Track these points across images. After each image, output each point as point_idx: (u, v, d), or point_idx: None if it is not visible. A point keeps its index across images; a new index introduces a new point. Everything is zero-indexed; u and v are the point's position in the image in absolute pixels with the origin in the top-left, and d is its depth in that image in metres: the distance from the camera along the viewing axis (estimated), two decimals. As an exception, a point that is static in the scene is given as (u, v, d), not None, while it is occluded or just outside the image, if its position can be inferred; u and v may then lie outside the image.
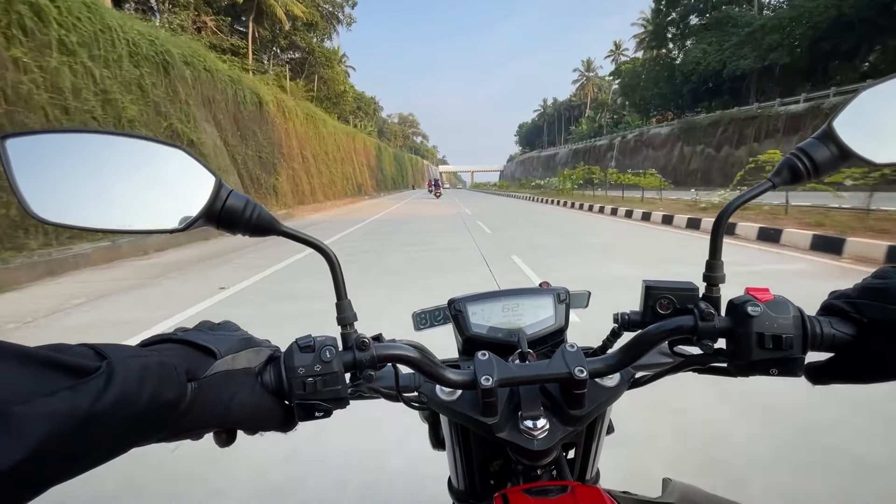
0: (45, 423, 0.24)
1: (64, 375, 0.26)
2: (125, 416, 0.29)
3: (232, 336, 0.41)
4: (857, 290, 0.42)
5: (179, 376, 0.33)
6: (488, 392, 0.42)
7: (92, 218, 0.35)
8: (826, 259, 5.56)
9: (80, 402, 0.26)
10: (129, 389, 0.29)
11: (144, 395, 0.30)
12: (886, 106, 0.41)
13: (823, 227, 6.86)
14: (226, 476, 1.73)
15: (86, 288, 5.13)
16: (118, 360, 0.29)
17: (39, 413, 0.24)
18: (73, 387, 0.26)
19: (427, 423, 0.63)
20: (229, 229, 0.40)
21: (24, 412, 0.24)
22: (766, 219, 8.32)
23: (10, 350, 0.26)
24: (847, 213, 7.89)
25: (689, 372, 0.49)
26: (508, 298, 0.58)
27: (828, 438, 1.85)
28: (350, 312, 0.44)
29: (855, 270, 4.89)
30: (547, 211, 16.96)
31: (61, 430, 0.25)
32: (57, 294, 4.89)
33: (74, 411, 0.26)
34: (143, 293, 4.88)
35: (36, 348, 0.27)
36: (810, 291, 2.43)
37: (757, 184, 0.43)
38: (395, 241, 8.78)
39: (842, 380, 0.42)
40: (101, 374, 0.28)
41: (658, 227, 9.96)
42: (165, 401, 0.31)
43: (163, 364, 0.32)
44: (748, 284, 0.44)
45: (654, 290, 0.47)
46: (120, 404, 0.28)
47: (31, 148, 0.33)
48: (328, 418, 0.40)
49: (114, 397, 0.28)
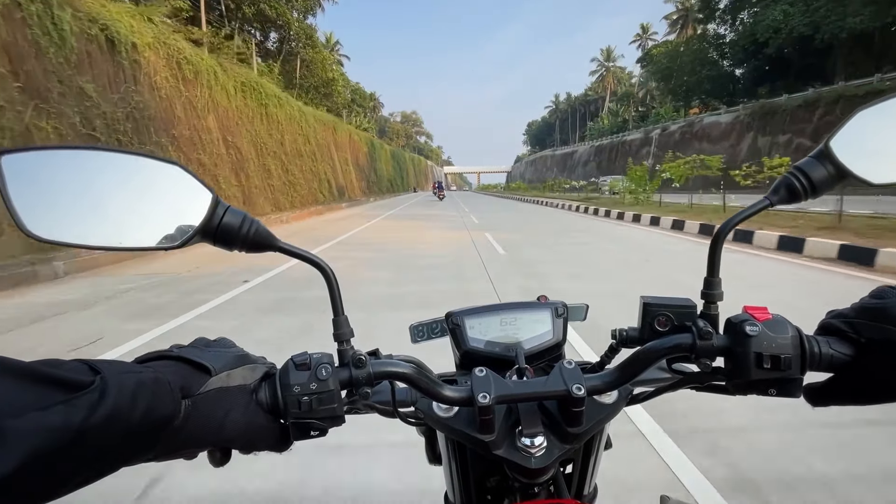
0: (38, 437, 0.24)
1: (57, 390, 0.27)
2: (118, 431, 0.29)
3: (227, 353, 0.41)
4: (854, 309, 0.42)
5: (174, 393, 0.33)
6: (485, 409, 0.41)
7: (87, 235, 0.35)
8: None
9: (73, 416, 0.26)
10: (122, 405, 0.29)
11: (138, 410, 0.30)
12: (883, 126, 0.41)
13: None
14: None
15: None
16: (112, 375, 0.29)
17: (32, 427, 0.24)
18: (67, 401, 0.26)
19: (423, 437, 0.62)
20: (226, 245, 0.39)
21: (16, 426, 0.24)
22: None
23: (3, 364, 0.26)
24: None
25: (688, 389, 0.49)
26: (506, 312, 0.58)
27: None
28: (347, 329, 0.44)
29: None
30: (626, 236, 9.14)
31: (54, 444, 0.25)
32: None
33: (68, 425, 0.26)
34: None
35: (29, 363, 0.27)
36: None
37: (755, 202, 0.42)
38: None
39: (841, 401, 0.42)
40: (95, 389, 0.28)
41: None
42: (159, 417, 0.32)
43: (157, 380, 0.32)
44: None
45: (653, 307, 0.47)
46: (113, 419, 0.28)
47: (26, 164, 0.33)
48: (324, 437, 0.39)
49: (107, 412, 0.28)
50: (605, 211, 14.98)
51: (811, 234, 6.77)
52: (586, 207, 16.95)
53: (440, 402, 0.45)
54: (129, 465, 0.32)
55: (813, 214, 9.23)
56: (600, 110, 77.68)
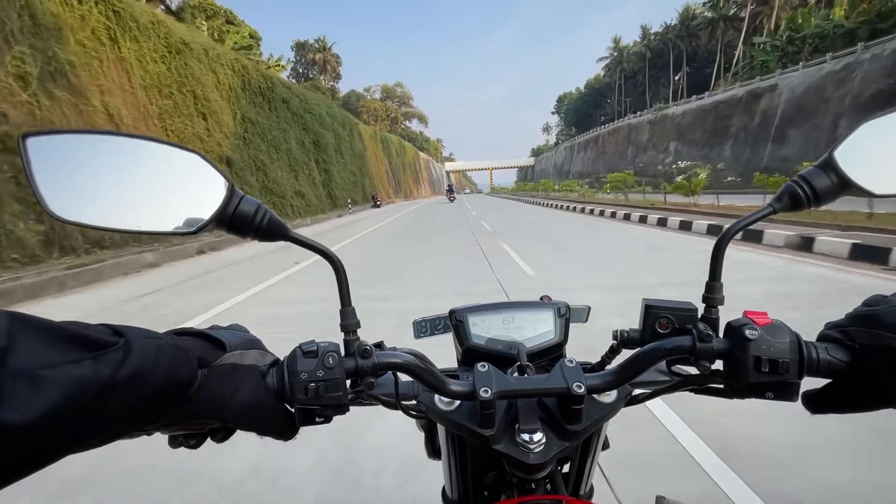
0: (69, 386, 0.27)
1: (86, 348, 0.29)
2: (140, 390, 0.31)
3: (241, 334, 0.43)
4: (848, 318, 0.43)
5: (191, 360, 0.35)
6: (487, 404, 0.42)
7: (107, 218, 0.36)
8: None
9: (100, 371, 0.29)
10: (144, 365, 0.31)
11: (160, 372, 0.32)
12: (887, 137, 0.42)
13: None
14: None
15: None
16: (135, 338, 0.32)
17: (65, 376, 0.27)
18: (95, 357, 0.29)
19: (423, 431, 0.63)
20: (239, 234, 0.40)
21: (51, 375, 0.27)
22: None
23: (39, 323, 0.28)
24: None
25: (686, 391, 0.49)
26: (509, 311, 0.59)
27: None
28: (354, 319, 0.45)
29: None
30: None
31: (82, 395, 0.28)
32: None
33: (95, 378, 0.28)
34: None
35: (60, 322, 0.30)
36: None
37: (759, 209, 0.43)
38: None
39: (840, 408, 0.43)
40: (120, 348, 0.30)
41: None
42: (177, 381, 0.34)
43: (177, 346, 0.34)
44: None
45: (654, 309, 0.47)
46: (136, 378, 0.30)
47: (50, 147, 0.34)
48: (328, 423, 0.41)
49: (131, 370, 0.30)
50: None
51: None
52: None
53: (442, 395, 0.45)
54: (145, 429, 0.34)
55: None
56: (698, 51, 48.24)
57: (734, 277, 4.75)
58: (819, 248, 6.20)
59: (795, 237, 6.67)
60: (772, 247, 6.91)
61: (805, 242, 6.47)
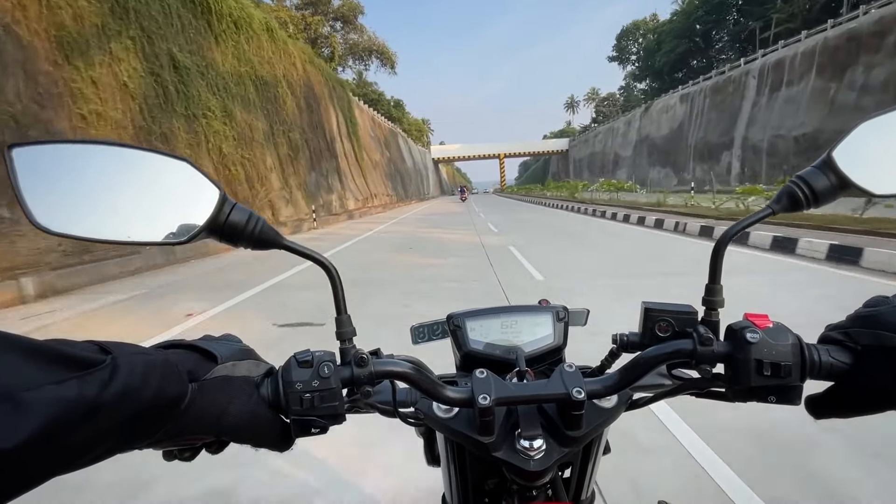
0: (53, 408, 0.26)
1: (71, 367, 0.28)
2: (129, 408, 0.30)
3: (233, 345, 0.42)
4: (850, 319, 0.43)
5: (181, 375, 0.34)
6: (485, 411, 0.41)
7: (96, 229, 0.36)
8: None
9: (86, 390, 0.27)
10: (132, 383, 0.30)
11: (148, 389, 0.31)
12: (885, 137, 0.41)
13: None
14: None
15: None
16: (122, 355, 0.31)
17: (48, 398, 0.26)
18: (80, 377, 0.28)
19: (423, 438, 0.63)
20: (231, 242, 0.40)
21: (33, 397, 0.25)
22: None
23: (19, 342, 0.27)
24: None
25: (687, 395, 0.49)
26: (507, 315, 0.58)
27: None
28: (349, 327, 0.44)
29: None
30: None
31: (68, 416, 0.26)
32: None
33: (81, 399, 0.27)
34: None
35: (43, 341, 0.28)
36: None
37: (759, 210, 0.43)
38: None
39: (843, 412, 0.42)
40: (107, 366, 0.29)
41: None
42: (168, 397, 0.33)
43: (166, 362, 0.34)
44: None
45: (654, 312, 0.47)
46: (125, 396, 0.29)
47: (36, 158, 0.34)
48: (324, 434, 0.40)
49: (119, 389, 0.29)
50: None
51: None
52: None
53: (441, 403, 0.45)
54: (136, 445, 0.33)
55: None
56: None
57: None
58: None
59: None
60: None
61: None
